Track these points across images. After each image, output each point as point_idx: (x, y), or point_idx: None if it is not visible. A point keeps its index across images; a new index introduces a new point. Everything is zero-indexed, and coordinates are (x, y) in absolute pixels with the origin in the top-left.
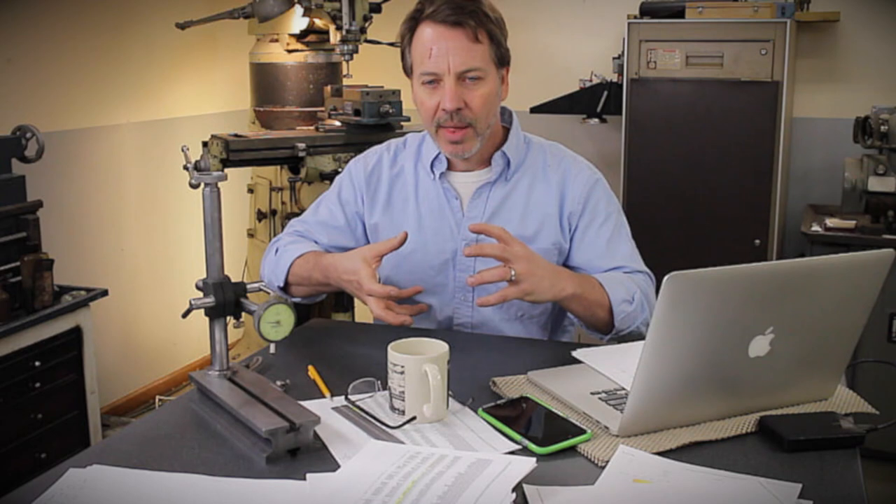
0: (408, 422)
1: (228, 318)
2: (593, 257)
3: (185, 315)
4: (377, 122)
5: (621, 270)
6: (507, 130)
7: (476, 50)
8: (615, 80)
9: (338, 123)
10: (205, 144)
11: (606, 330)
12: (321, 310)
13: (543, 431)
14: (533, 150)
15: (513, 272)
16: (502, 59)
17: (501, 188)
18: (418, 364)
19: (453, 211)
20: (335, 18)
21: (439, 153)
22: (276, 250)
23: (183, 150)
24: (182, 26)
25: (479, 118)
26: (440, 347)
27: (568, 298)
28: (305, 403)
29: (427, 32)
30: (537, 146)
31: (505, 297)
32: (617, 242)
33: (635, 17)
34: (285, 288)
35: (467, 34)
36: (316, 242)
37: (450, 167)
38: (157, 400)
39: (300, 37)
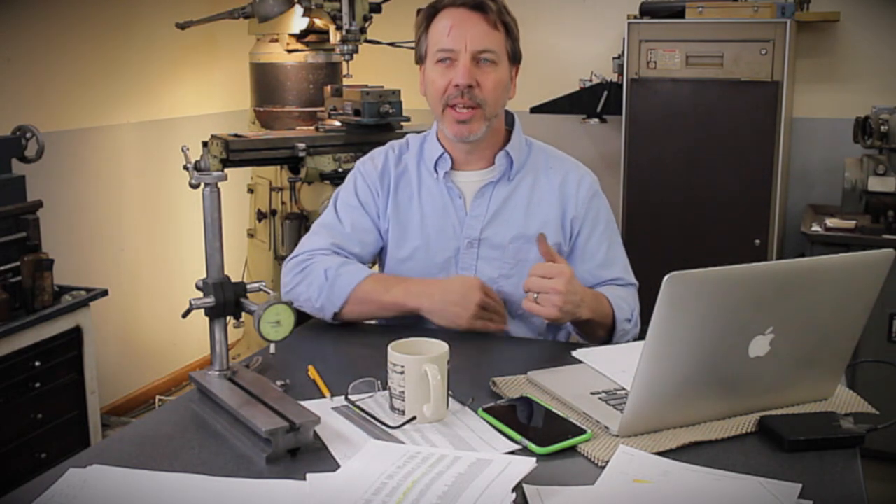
0: (408, 422)
1: (228, 318)
2: (594, 267)
3: (185, 315)
4: (377, 122)
5: (618, 283)
6: (508, 133)
7: (494, 35)
8: (615, 80)
9: (338, 123)
10: (205, 144)
11: (599, 343)
12: None
13: (543, 431)
14: (535, 150)
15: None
16: (515, 55)
17: (504, 187)
18: (418, 364)
19: (456, 209)
20: (335, 18)
21: (443, 153)
22: (325, 273)
23: (183, 150)
24: (182, 26)
25: (488, 101)
26: (440, 347)
27: (582, 323)
28: (305, 403)
29: (446, 16)
30: (538, 147)
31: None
32: (614, 253)
33: (635, 17)
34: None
35: (487, 19)
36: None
37: (453, 166)
38: (157, 400)
39: (300, 37)
